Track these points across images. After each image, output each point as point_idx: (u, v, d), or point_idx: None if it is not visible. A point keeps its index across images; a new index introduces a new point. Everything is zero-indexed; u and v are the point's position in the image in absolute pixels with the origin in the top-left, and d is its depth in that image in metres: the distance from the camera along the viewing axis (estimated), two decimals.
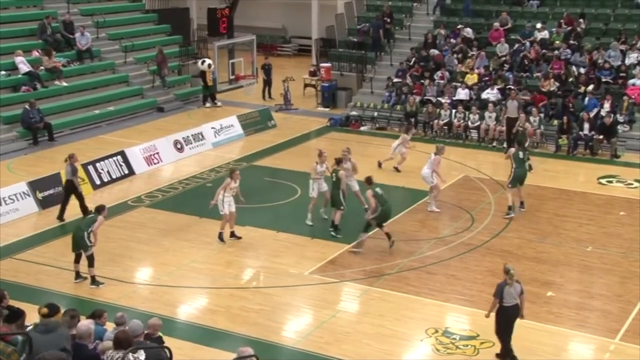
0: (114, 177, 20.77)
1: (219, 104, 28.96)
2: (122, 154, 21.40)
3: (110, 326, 10.50)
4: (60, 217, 18.07)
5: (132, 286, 14.91)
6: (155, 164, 22.20)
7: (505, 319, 12.09)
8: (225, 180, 16.76)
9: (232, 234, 16.96)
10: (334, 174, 17.12)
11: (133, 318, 10.81)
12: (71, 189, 17.99)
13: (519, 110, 23.59)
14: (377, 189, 16.07)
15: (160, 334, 10.52)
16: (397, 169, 21.40)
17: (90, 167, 20.29)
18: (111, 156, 21.10)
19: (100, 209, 14.91)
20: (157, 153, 22.42)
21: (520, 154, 18.51)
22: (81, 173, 19.76)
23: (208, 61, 25.97)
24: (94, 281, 14.68)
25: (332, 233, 17.08)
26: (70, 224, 17.43)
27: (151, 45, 30.73)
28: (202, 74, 28.68)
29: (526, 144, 21.77)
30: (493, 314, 12.21)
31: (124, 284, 14.85)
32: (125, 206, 19.04)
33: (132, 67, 29.11)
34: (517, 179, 18.41)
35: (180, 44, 31.47)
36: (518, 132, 22.28)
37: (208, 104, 28.95)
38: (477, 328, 13.19)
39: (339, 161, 17.35)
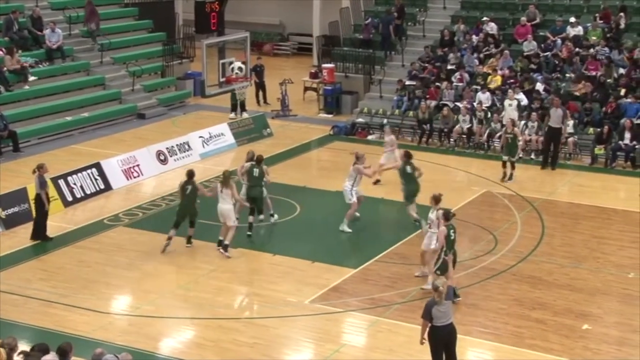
0: (88, 192, 20.77)
1: (245, 115, 28.39)
2: (97, 166, 21.43)
3: None
4: (37, 236, 17.93)
5: (108, 317, 14.87)
6: (135, 177, 22.23)
7: (436, 341, 12.03)
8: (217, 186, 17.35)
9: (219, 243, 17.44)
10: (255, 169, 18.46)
11: (108, 353, 10.82)
12: (39, 203, 17.99)
13: (564, 119, 23.46)
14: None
15: None
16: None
17: (61, 182, 20.29)
18: (85, 169, 21.11)
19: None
20: (137, 165, 22.45)
21: (408, 169, 18.47)
22: (51, 188, 19.81)
23: (236, 64, 25.52)
24: (189, 240, 17.58)
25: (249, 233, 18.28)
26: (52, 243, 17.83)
27: (131, 43, 30.88)
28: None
29: (517, 156, 22.35)
30: None
31: (98, 315, 14.79)
32: (101, 225, 19.03)
33: (109, 68, 29.21)
34: (412, 195, 18.47)
35: (164, 41, 31.56)
36: (507, 140, 22.07)
37: (236, 114, 28.48)
38: None
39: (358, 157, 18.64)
